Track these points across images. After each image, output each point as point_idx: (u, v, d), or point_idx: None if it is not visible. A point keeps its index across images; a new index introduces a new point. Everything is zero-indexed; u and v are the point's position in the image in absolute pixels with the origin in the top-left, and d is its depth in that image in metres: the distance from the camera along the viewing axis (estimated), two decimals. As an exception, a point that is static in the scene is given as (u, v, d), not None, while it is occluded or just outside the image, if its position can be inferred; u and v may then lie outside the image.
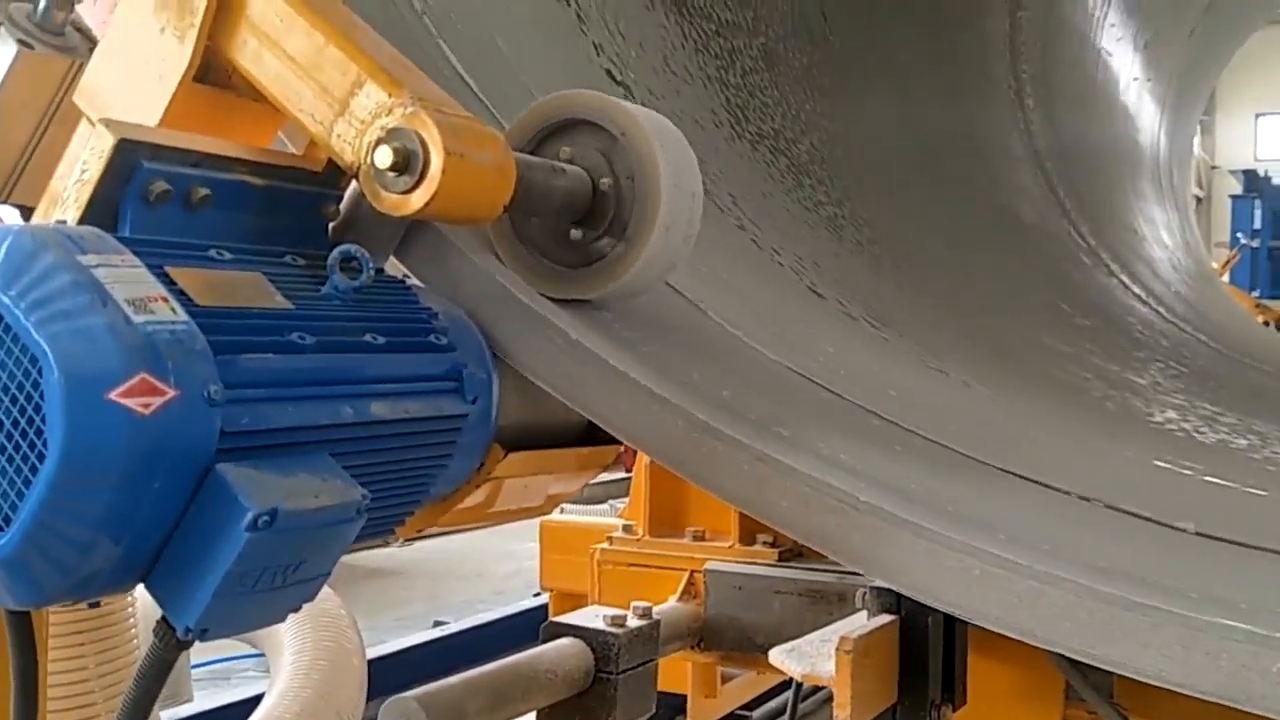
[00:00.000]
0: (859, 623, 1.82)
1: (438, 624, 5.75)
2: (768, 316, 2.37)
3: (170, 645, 1.21)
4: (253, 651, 5.26)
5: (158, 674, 1.25)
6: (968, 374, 2.90)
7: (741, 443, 1.58)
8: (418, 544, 10.79)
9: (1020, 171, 5.46)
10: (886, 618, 1.83)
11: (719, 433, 1.59)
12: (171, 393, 1.11)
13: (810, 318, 2.60)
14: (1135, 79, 7.77)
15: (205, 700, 4.47)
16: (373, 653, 4.12)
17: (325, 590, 3.76)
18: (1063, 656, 1.67)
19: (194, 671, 5.29)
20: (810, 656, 1.72)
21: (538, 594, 5.06)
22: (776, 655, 1.76)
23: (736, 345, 2.08)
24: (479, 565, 10.70)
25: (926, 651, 1.85)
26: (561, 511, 6.03)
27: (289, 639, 3.55)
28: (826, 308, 2.69)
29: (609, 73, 2.58)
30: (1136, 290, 5.90)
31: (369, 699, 3.52)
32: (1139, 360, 4.46)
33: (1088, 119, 6.82)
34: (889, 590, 1.85)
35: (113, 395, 1.09)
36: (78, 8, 1.89)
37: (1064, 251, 5.43)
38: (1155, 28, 7.73)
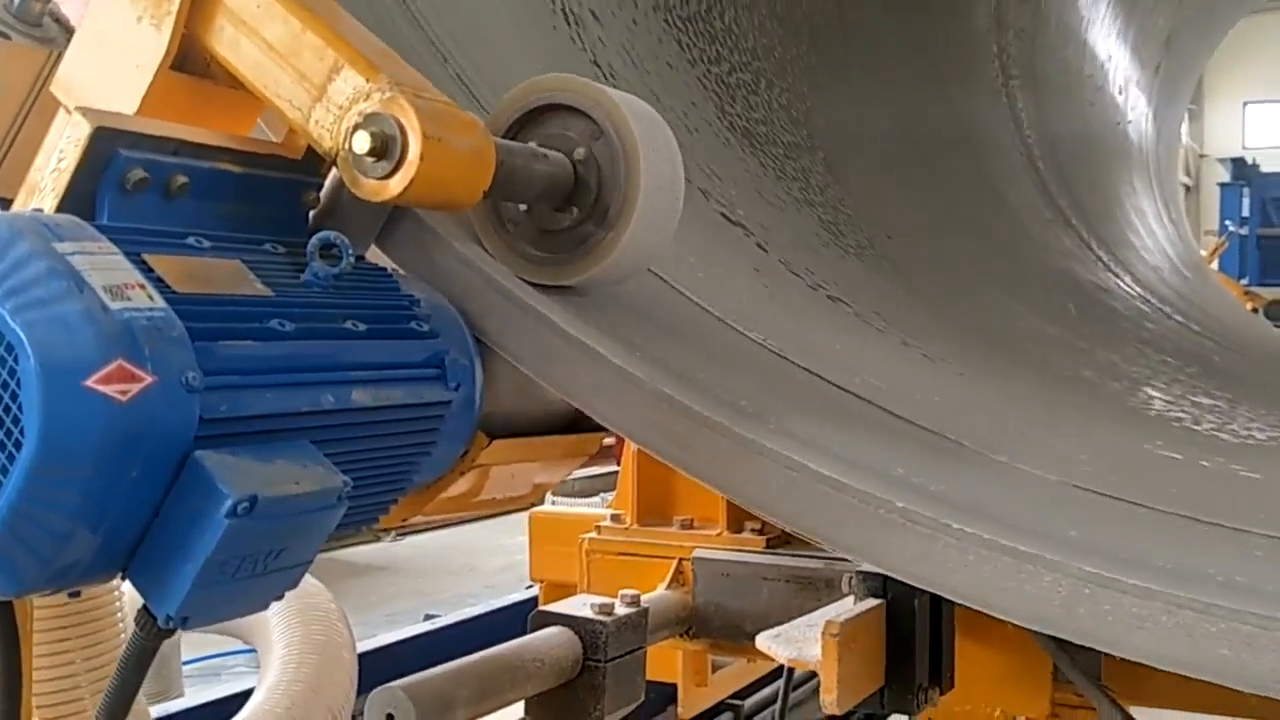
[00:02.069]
0: (846, 607, 1.82)
1: (429, 617, 5.74)
2: (753, 303, 2.37)
3: (152, 634, 1.21)
4: (244, 647, 5.26)
5: (140, 663, 1.24)
6: (954, 360, 2.90)
7: (727, 428, 1.58)
8: (408, 539, 10.81)
9: (1007, 160, 5.46)
10: (873, 602, 1.83)
11: (704, 418, 1.58)
12: (149, 379, 1.11)
13: (797, 304, 2.60)
14: (1122, 67, 7.78)
15: (196, 696, 4.46)
16: (363, 646, 4.11)
17: (315, 585, 3.77)
18: (1050, 638, 1.67)
19: (185, 668, 5.28)
20: (797, 641, 1.72)
21: (529, 586, 5.06)
22: (763, 640, 1.76)
23: (722, 331, 2.08)
24: (470, 559, 10.70)
25: (913, 635, 1.86)
26: (554, 503, 6.03)
27: (279, 633, 3.54)
28: (813, 295, 2.69)
29: (593, 61, 2.58)
30: (1125, 278, 5.90)
31: (360, 693, 3.51)
32: (1127, 347, 4.46)
33: (1075, 108, 6.82)
34: (876, 574, 1.86)
35: (90, 382, 1.08)
36: (56, -1, 1.88)
37: (1051, 239, 5.43)
38: (1141, 16, 7.74)
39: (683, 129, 2.70)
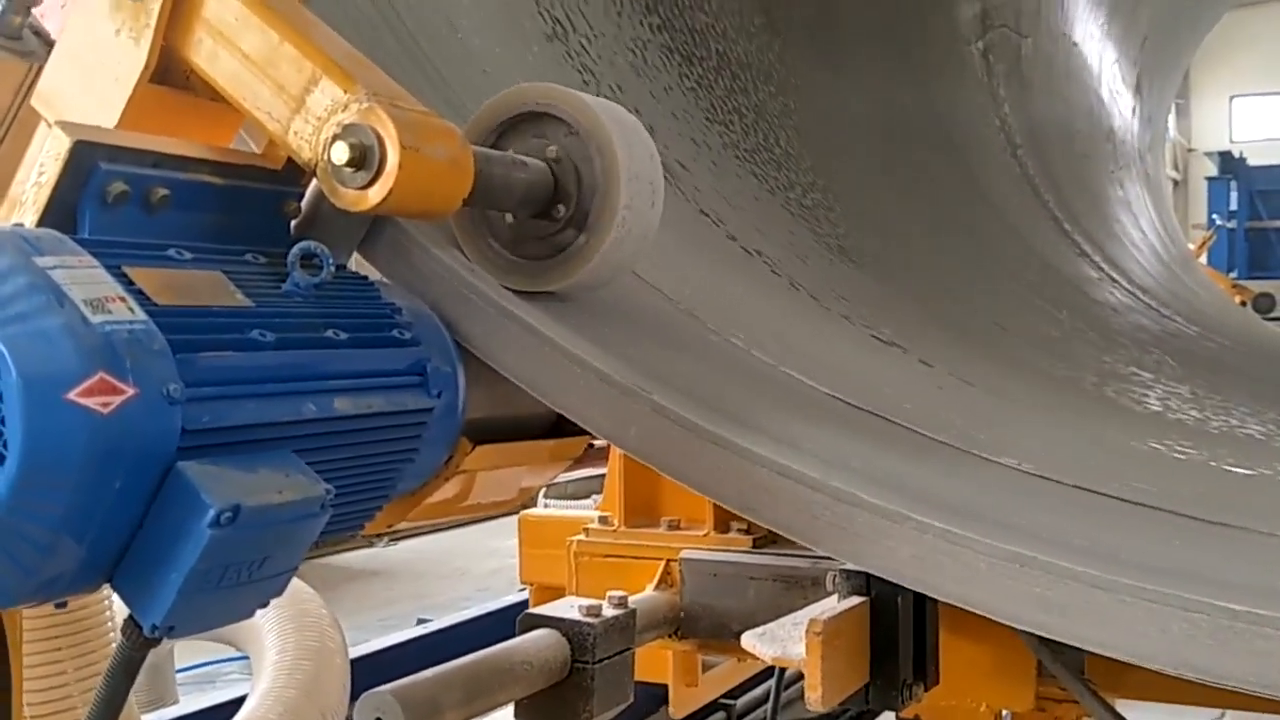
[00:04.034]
0: (829, 605, 1.83)
1: (422, 622, 5.75)
2: (735, 305, 2.38)
3: (138, 643, 1.21)
4: (238, 655, 5.26)
5: (127, 672, 1.25)
6: (941, 359, 2.91)
7: (709, 431, 1.59)
8: (400, 544, 10.81)
9: (993, 157, 5.48)
10: (856, 599, 1.84)
11: (686, 422, 1.60)
12: (130, 392, 1.12)
13: (779, 305, 2.61)
14: (1107, 62, 7.80)
15: (189, 704, 4.47)
16: (356, 651, 4.12)
17: (308, 591, 3.77)
18: (1034, 635, 1.68)
19: (178, 675, 5.28)
20: (781, 640, 1.73)
21: (522, 589, 5.07)
22: (748, 639, 1.77)
23: (704, 335, 2.09)
24: (462, 563, 10.70)
25: (897, 631, 1.87)
26: (545, 506, 6.04)
27: (272, 640, 3.55)
28: (796, 296, 2.71)
29: (577, 68, 2.59)
30: (1112, 273, 5.92)
31: (353, 698, 3.52)
32: (1115, 343, 4.48)
33: (1060, 103, 6.83)
34: (859, 572, 1.87)
35: (71, 396, 1.09)
36: (37, 11, 1.89)
37: (1038, 235, 5.45)
38: (1126, 11, 7.76)
39: (662, 132, 2.72)
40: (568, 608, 2.05)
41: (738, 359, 2.08)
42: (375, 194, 1.41)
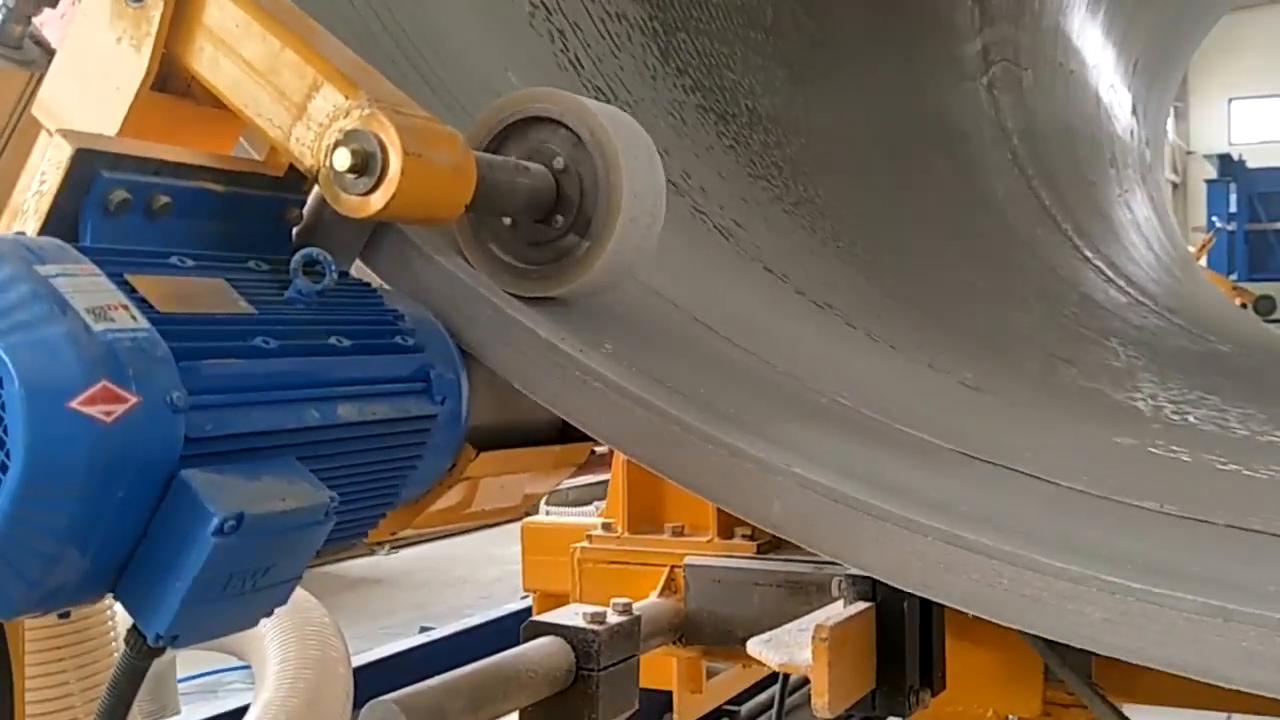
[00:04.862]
0: (835, 611, 1.82)
1: (424, 630, 5.74)
2: (739, 309, 2.37)
3: (142, 653, 1.21)
4: (240, 664, 5.25)
5: (131, 681, 1.25)
6: (942, 363, 2.91)
7: (713, 436, 1.58)
8: (402, 552, 10.80)
9: (991, 158, 5.48)
10: (862, 605, 1.84)
11: (690, 426, 1.59)
12: (133, 400, 1.11)
13: (779, 309, 2.60)
14: (1106, 65, 7.80)
15: (192, 713, 4.46)
16: (358, 660, 4.11)
17: (310, 599, 3.77)
18: (1040, 639, 1.68)
19: (181, 685, 5.27)
20: (787, 646, 1.73)
21: (524, 597, 5.06)
22: (754, 646, 1.77)
23: (708, 339, 2.08)
24: (464, 571, 10.68)
25: (903, 637, 1.86)
26: (548, 514, 6.03)
27: (274, 649, 3.55)
28: (797, 300, 2.70)
29: (574, 69, 2.59)
30: (1112, 275, 5.92)
31: (356, 707, 3.51)
32: (1117, 345, 4.47)
33: (1059, 105, 6.84)
34: (865, 578, 1.86)
35: (74, 404, 1.08)
36: (37, 21, 1.89)
37: (1038, 239, 5.45)
38: (1125, 12, 7.76)
39: (663, 136, 2.71)
40: (572, 615, 2.05)
41: (740, 363, 2.08)
42: (378, 200, 1.40)
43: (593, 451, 1.95)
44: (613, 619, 2.04)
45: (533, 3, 2.54)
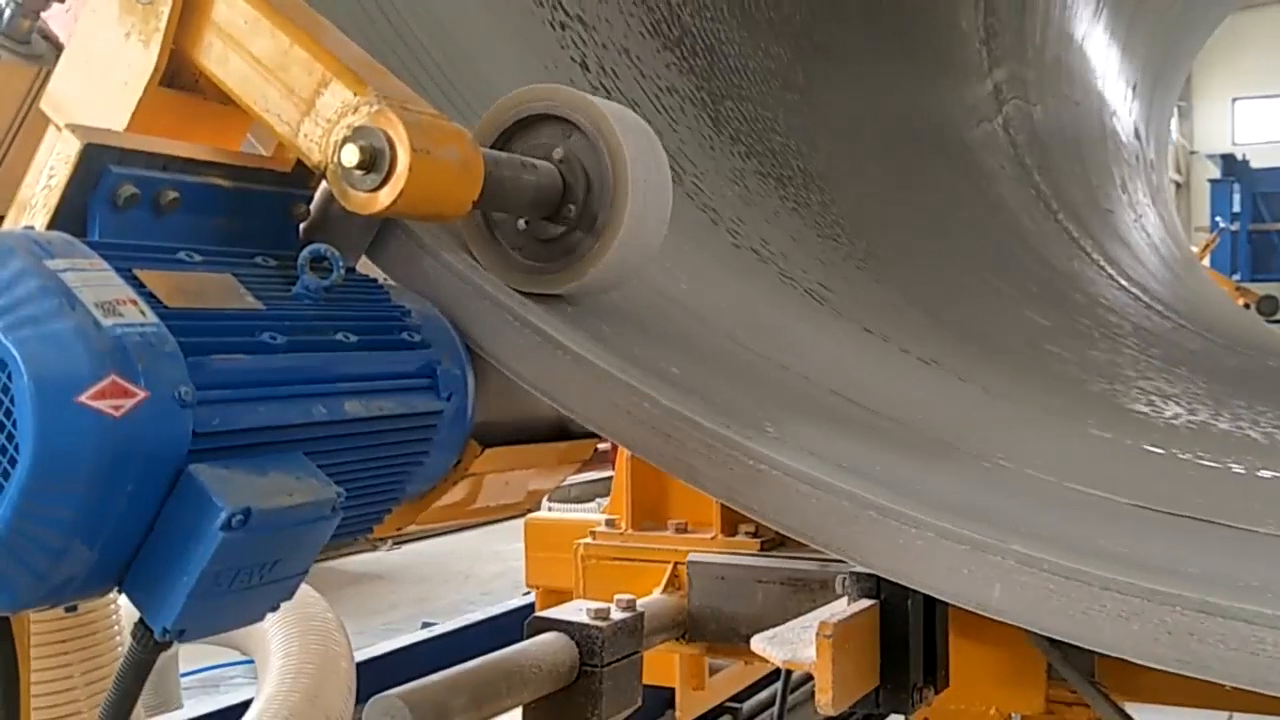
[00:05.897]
0: (839, 608, 1.83)
1: (426, 626, 5.74)
2: (744, 307, 2.38)
3: (149, 647, 1.22)
4: (242, 659, 5.26)
5: (137, 675, 1.25)
6: (946, 361, 2.91)
7: (717, 433, 1.58)
8: (404, 547, 10.80)
9: (996, 159, 5.48)
10: (866, 602, 1.84)
11: (695, 423, 1.59)
12: (142, 394, 1.11)
13: (783, 307, 2.60)
14: (1110, 65, 7.80)
15: (194, 708, 4.46)
16: (361, 655, 4.12)
17: (312, 594, 3.77)
18: (1044, 637, 1.68)
19: (183, 679, 5.28)
20: (791, 643, 1.73)
21: (527, 593, 5.07)
22: (758, 643, 1.77)
23: (713, 336, 2.09)
24: (466, 567, 10.69)
25: (907, 634, 1.86)
26: (550, 509, 6.03)
27: (277, 644, 3.55)
28: (800, 297, 2.70)
29: (583, 67, 2.59)
30: (1115, 275, 5.92)
31: (358, 702, 3.52)
32: (1120, 345, 4.48)
33: (1063, 104, 6.84)
34: (869, 575, 1.86)
35: (83, 398, 1.09)
36: (45, 15, 1.89)
37: (1041, 238, 5.45)
38: (1128, 13, 7.76)
39: (669, 134, 2.72)
40: (576, 611, 2.05)
41: (745, 360, 2.08)
42: (385, 197, 1.40)
43: (597, 448, 1.96)
44: (616, 615, 2.04)
45: (592, 85, 2.55)
